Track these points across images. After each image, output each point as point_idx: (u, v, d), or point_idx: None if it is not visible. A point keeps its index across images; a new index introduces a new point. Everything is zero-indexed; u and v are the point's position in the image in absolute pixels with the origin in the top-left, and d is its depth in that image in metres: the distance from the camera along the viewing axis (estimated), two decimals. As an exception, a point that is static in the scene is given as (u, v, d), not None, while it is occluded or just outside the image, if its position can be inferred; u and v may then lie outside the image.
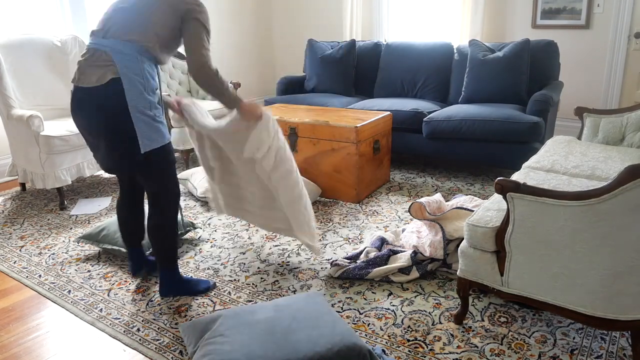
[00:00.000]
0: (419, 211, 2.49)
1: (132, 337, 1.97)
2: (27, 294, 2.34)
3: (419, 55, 4.24)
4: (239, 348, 1.63)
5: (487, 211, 1.89)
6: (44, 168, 3.23)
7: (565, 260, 1.64)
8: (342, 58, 4.47)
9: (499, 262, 1.81)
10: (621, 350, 1.81)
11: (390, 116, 3.58)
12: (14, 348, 1.95)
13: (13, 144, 3.46)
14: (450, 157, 3.63)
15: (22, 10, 3.94)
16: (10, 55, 3.46)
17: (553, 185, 2.07)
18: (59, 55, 3.75)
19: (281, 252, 2.61)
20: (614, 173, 2.18)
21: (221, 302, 2.18)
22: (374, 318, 2.03)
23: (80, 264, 2.58)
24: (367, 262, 2.32)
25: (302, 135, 3.36)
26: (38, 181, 3.29)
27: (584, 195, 1.55)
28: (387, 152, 3.61)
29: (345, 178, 3.26)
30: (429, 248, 2.33)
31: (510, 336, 1.89)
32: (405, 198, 3.34)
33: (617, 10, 4.10)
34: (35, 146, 3.20)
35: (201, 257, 2.60)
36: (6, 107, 3.31)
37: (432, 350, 1.83)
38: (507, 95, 3.74)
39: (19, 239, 2.90)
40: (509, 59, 3.72)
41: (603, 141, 2.77)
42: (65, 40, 3.80)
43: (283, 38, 6.16)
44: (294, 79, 4.73)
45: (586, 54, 4.34)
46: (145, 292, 2.29)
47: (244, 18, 5.82)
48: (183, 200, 3.41)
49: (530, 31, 4.51)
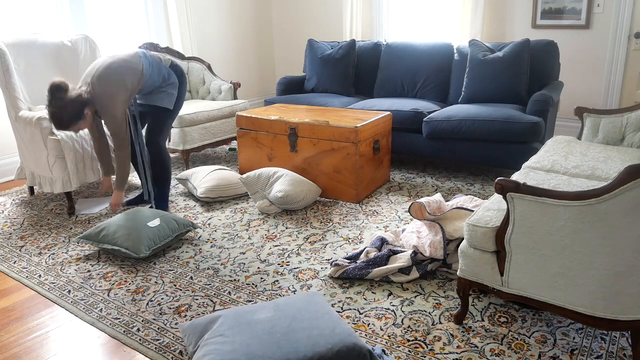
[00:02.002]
0: (419, 211, 2.49)
1: (132, 337, 1.97)
2: (27, 294, 2.34)
3: (419, 55, 4.24)
4: (239, 348, 1.63)
5: (487, 211, 1.89)
6: (52, 172, 3.16)
7: (565, 260, 1.64)
8: (342, 58, 4.48)
9: (499, 262, 1.81)
10: (621, 350, 1.81)
11: (390, 116, 3.58)
12: (14, 348, 1.95)
13: (21, 146, 3.39)
14: (450, 157, 3.64)
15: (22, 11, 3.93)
16: (18, 55, 3.42)
17: (553, 185, 2.07)
18: (69, 55, 3.71)
19: (281, 252, 2.61)
20: (614, 173, 2.18)
21: (221, 302, 2.18)
22: (374, 318, 2.03)
23: (80, 264, 2.58)
24: (367, 262, 2.32)
25: (302, 135, 3.36)
26: (46, 185, 3.24)
27: (584, 195, 1.55)
28: (387, 152, 3.61)
29: (345, 178, 3.26)
30: (429, 248, 2.33)
31: (510, 336, 1.89)
32: (405, 198, 3.34)
33: (617, 10, 4.10)
34: (44, 149, 3.14)
35: (201, 257, 2.60)
36: (14, 108, 3.26)
37: (432, 350, 1.83)
38: (507, 95, 3.74)
39: (19, 239, 2.90)
40: (509, 59, 3.72)
41: (603, 141, 2.77)
42: (76, 40, 3.76)
43: (283, 38, 6.16)
44: (294, 79, 4.73)
45: (586, 54, 4.34)
46: (145, 292, 2.29)
47: (244, 18, 5.82)
48: (183, 200, 3.41)
49: (530, 31, 4.52)
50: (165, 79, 3.06)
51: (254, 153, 3.66)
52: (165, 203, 3.23)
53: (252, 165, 3.70)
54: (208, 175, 3.37)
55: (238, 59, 5.86)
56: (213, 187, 3.29)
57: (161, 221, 2.67)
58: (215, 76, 4.71)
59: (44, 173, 3.22)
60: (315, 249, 2.64)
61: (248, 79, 6.03)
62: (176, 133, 3.94)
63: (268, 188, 3.17)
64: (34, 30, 3.96)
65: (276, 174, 3.20)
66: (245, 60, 5.96)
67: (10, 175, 4.03)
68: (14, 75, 3.29)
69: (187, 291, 2.28)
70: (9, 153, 4.04)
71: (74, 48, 3.76)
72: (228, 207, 3.27)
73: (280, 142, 3.49)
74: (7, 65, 3.27)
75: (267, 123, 3.51)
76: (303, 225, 2.95)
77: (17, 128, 3.34)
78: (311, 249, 2.64)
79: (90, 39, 3.80)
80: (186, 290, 2.29)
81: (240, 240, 2.78)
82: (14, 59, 3.37)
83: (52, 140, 3.10)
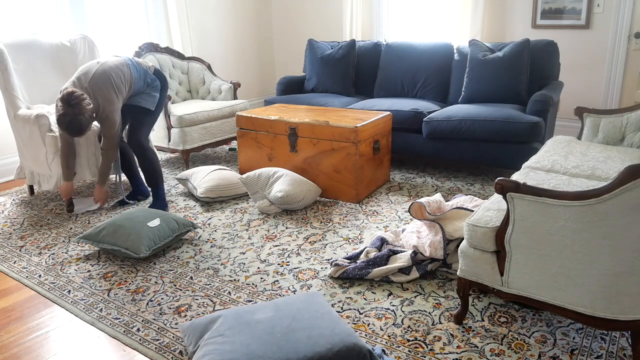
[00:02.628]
0: (419, 211, 2.49)
1: (132, 337, 1.97)
2: (27, 294, 2.34)
3: (419, 55, 4.24)
4: (239, 348, 1.63)
5: (487, 211, 1.89)
6: (51, 169, 3.20)
7: (565, 260, 1.64)
8: (342, 58, 4.48)
9: (499, 262, 1.81)
10: (621, 350, 1.81)
11: (390, 116, 3.58)
12: (14, 348, 1.95)
13: (20, 145, 3.41)
14: (450, 157, 3.64)
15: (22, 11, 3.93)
16: (17, 55, 3.43)
17: (553, 185, 2.07)
18: (68, 55, 3.73)
19: (281, 252, 2.61)
20: (614, 173, 2.18)
21: (221, 302, 2.18)
22: (374, 318, 2.03)
23: (80, 264, 2.58)
24: (367, 262, 2.32)
25: (302, 135, 3.36)
26: (44, 182, 3.26)
27: (584, 195, 1.55)
28: (387, 152, 3.61)
29: (345, 178, 3.26)
30: (429, 248, 2.33)
31: (510, 336, 1.89)
32: (405, 198, 3.34)
33: (617, 10, 4.10)
34: (42, 147, 3.17)
35: (201, 257, 2.60)
36: (13, 107, 3.28)
37: (432, 350, 1.83)
38: (507, 95, 3.74)
39: (19, 239, 2.90)
40: (509, 59, 3.72)
41: (603, 141, 2.77)
42: (75, 40, 3.78)
43: (283, 38, 6.16)
44: (294, 79, 4.73)
45: (586, 54, 4.34)
46: (145, 292, 2.29)
47: (244, 18, 5.82)
48: (183, 200, 3.41)
49: (530, 31, 4.52)
50: (149, 84, 3.19)
51: (254, 153, 3.66)
52: (162, 202, 3.25)
53: (252, 165, 3.70)
54: (208, 175, 3.37)
55: (238, 59, 5.86)
56: (213, 187, 3.29)
57: (161, 221, 2.67)
58: (215, 76, 4.71)
59: (43, 170, 3.24)
60: (315, 249, 2.64)
61: (248, 79, 6.03)
62: (176, 133, 3.94)
63: (268, 188, 3.17)
64: (33, 30, 3.96)
65: (276, 174, 3.20)
66: (245, 60, 5.96)
67: (10, 175, 4.03)
68: (12, 75, 3.30)
69: (187, 291, 2.28)
70: (9, 153, 4.04)
71: (73, 48, 3.76)
72: (228, 207, 3.27)
73: (280, 142, 3.49)
74: (6, 65, 3.28)
75: (267, 123, 3.51)
76: (303, 225, 2.95)
77: (16, 127, 3.35)
78: (311, 249, 2.64)
79: (89, 39, 3.80)
80: (186, 290, 2.29)
81: (240, 240, 2.78)
82: (12, 59, 3.38)
83: (50, 137, 3.13)
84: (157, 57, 4.45)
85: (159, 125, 4.03)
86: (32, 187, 3.63)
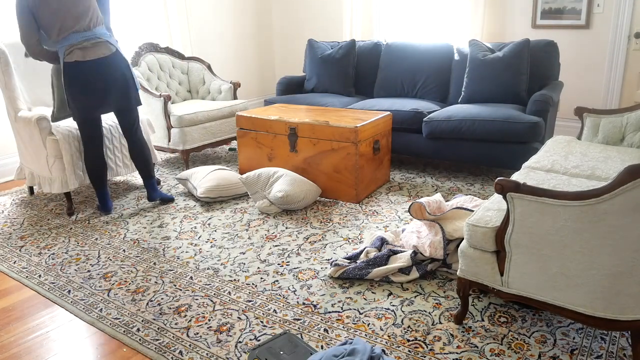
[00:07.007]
0: (418, 211, 2.49)
1: (132, 337, 1.97)
2: (27, 294, 2.34)
3: (419, 55, 4.24)
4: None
5: (487, 211, 1.89)
6: (52, 172, 3.16)
7: (565, 260, 1.64)
8: (342, 58, 4.48)
9: (499, 262, 1.81)
10: (621, 350, 1.81)
11: (390, 116, 3.58)
12: (14, 348, 1.95)
13: (21, 147, 3.39)
14: (450, 157, 3.64)
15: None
16: (18, 56, 3.42)
17: (553, 185, 2.07)
18: None
19: (281, 252, 2.61)
20: (614, 173, 2.18)
21: (221, 302, 2.18)
22: (374, 318, 2.03)
23: (80, 264, 2.58)
24: (367, 262, 2.32)
25: (302, 135, 3.36)
26: (45, 185, 3.23)
27: (584, 195, 1.55)
28: (387, 152, 3.61)
29: (345, 178, 3.26)
30: (428, 248, 2.33)
31: (510, 336, 1.89)
32: (405, 198, 3.34)
33: (617, 10, 4.10)
34: (43, 149, 3.13)
35: (201, 257, 2.60)
36: (14, 109, 3.26)
37: (432, 350, 1.83)
38: (507, 95, 3.74)
39: (19, 239, 2.90)
40: (509, 59, 3.72)
41: (603, 141, 2.77)
42: None
43: (283, 38, 6.16)
44: (294, 79, 4.73)
45: (586, 54, 4.34)
46: (145, 292, 2.29)
47: (244, 18, 5.82)
48: (183, 200, 3.41)
49: (530, 31, 4.52)
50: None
51: (254, 153, 3.66)
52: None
53: (252, 165, 3.70)
54: (208, 175, 3.37)
55: (238, 59, 5.86)
56: (213, 187, 3.29)
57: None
58: (215, 76, 4.71)
59: (44, 173, 3.22)
60: (315, 249, 2.64)
61: (248, 79, 6.03)
62: (176, 133, 3.94)
63: (268, 188, 3.17)
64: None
65: (276, 174, 3.20)
66: (245, 60, 5.96)
67: (10, 175, 4.03)
68: (13, 76, 3.29)
69: (187, 291, 2.28)
70: (9, 153, 4.04)
71: None
72: (228, 207, 3.27)
73: (280, 142, 3.49)
74: (7, 66, 3.27)
75: (267, 123, 3.52)
76: (303, 225, 2.95)
77: (16, 128, 3.33)
78: (311, 249, 2.64)
79: None
80: (186, 290, 2.29)
81: (240, 240, 2.78)
82: (13, 60, 3.37)
83: (51, 141, 3.10)
84: (157, 57, 4.46)
85: (159, 126, 4.03)
86: (32, 188, 3.63)
